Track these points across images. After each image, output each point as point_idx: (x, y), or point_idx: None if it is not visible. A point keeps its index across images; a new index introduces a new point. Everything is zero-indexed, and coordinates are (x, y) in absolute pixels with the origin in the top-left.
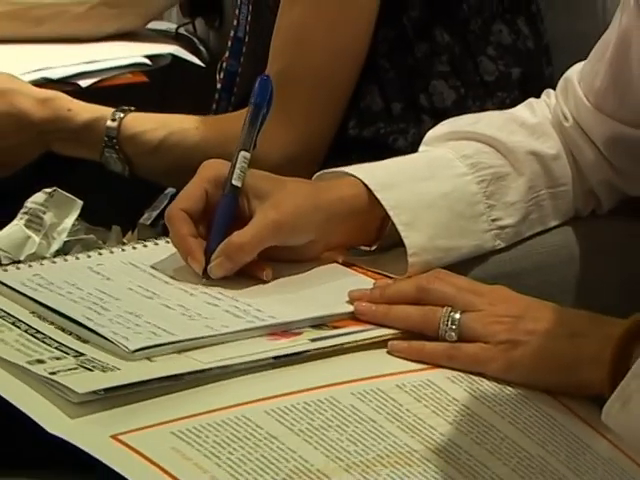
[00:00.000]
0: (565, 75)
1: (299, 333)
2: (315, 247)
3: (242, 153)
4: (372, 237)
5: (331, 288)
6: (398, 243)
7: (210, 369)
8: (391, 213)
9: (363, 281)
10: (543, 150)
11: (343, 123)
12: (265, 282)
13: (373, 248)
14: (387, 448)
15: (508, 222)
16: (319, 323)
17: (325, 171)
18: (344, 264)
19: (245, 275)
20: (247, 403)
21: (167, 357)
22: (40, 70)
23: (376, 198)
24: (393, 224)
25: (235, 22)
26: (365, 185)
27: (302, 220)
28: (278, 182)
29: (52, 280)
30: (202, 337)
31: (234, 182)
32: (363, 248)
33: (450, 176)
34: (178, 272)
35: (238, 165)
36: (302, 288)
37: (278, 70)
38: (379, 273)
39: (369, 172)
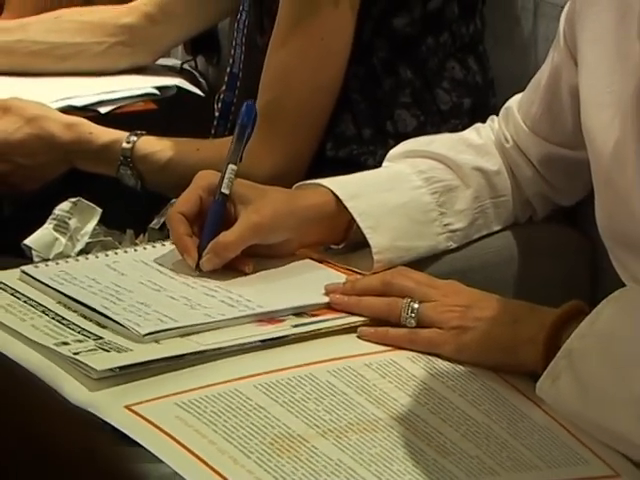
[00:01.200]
0: (506, 104)
1: (283, 320)
2: (290, 245)
3: (230, 165)
4: (340, 238)
5: (309, 282)
6: (364, 243)
7: (207, 350)
8: (358, 219)
9: (336, 276)
10: (487, 166)
11: (321, 145)
12: (253, 275)
13: (341, 246)
14: (357, 417)
15: (458, 226)
16: (300, 312)
17: (302, 182)
18: (317, 260)
19: (234, 269)
20: (239, 379)
21: (172, 340)
22: (66, 99)
23: (344, 206)
24: (359, 228)
25: (231, 60)
26: (334, 194)
27: (279, 223)
28: (260, 190)
29: (75, 275)
30: (202, 323)
31: (223, 190)
32: (333, 247)
33: (407, 189)
34: (181, 269)
35: (227, 176)
36: (285, 281)
37: (267, 102)
38: (348, 269)
39: (339, 184)
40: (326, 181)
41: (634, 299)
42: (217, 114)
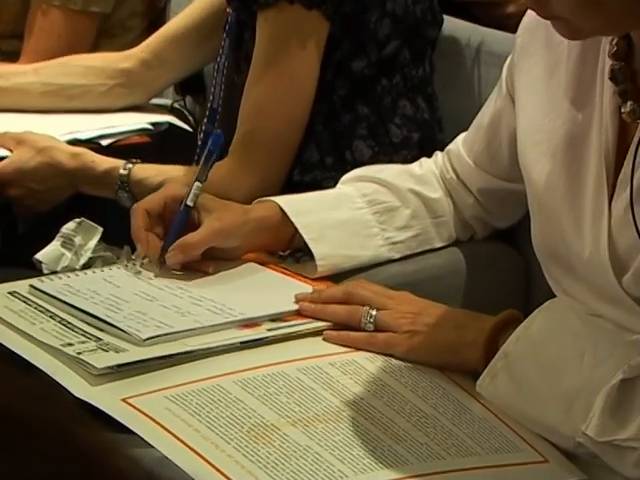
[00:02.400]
0: (455, 140)
1: (260, 324)
2: (240, 250)
3: (196, 183)
4: (285, 246)
5: (281, 291)
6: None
7: (194, 350)
8: (302, 231)
9: (303, 286)
10: (425, 192)
11: (290, 171)
12: (235, 287)
13: (286, 254)
14: (322, 409)
15: (399, 239)
16: (274, 318)
17: (259, 199)
18: (260, 263)
19: (197, 270)
20: (220, 375)
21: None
22: (72, 133)
23: (290, 220)
24: (302, 238)
25: (211, 97)
26: (282, 210)
27: (235, 230)
28: (221, 203)
29: (78, 288)
30: (193, 329)
31: (188, 202)
32: (280, 253)
33: (351, 208)
34: (169, 282)
35: (193, 191)
36: (261, 291)
37: (244, 133)
38: (297, 273)
39: (288, 201)
40: (278, 198)
41: (562, 309)
42: (199, 143)
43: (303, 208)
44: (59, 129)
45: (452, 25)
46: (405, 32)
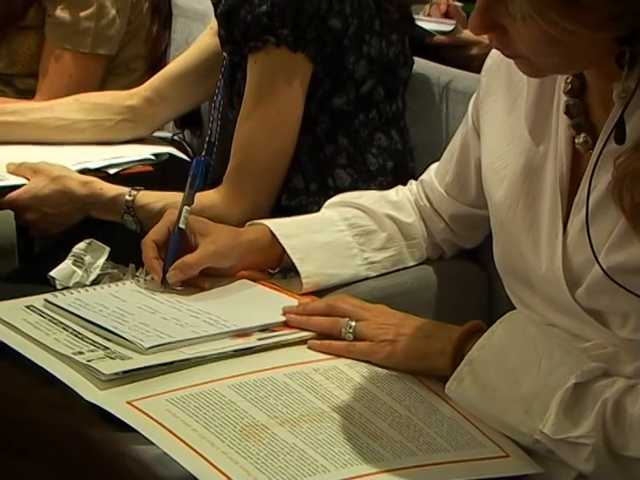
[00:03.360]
0: (427, 170)
1: (251, 334)
2: (234, 268)
3: (185, 207)
4: (275, 265)
5: (270, 304)
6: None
7: (191, 358)
8: (289, 252)
9: (290, 300)
10: (400, 217)
11: (278, 197)
12: (229, 301)
13: (275, 271)
14: (307, 410)
15: (376, 259)
16: (264, 328)
17: (251, 222)
18: (252, 279)
19: (195, 286)
20: (216, 380)
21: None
22: (82, 163)
23: (279, 242)
24: (290, 258)
25: (209, 131)
26: (272, 232)
27: (228, 252)
28: (216, 227)
29: (88, 302)
30: (191, 338)
31: (180, 225)
32: (269, 271)
33: (333, 231)
34: (169, 296)
35: (183, 214)
36: (251, 304)
37: (237, 163)
38: (285, 289)
39: (277, 224)
40: (268, 221)
41: (521, 319)
42: None
43: (291, 231)
44: (71, 159)
45: (422, 66)
46: (380, 72)
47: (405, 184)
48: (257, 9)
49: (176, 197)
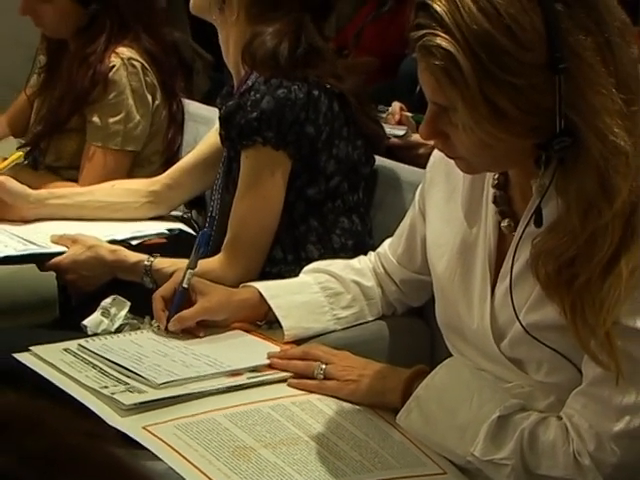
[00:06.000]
0: (383, 244)
1: (242, 374)
2: (229, 321)
3: (189, 270)
4: (262, 318)
5: (257, 350)
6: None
7: (193, 393)
8: (274, 309)
9: (273, 347)
10: (362, 281)
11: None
12: (225, 347)
13: (262, 323)
14: (286, 435)
15: (343, 315)
16: (253, 369)
17: (243, 284)
18: (243, 330)
19: (193, 334)
20: (213, 410)
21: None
22: (111, 235)
23: (266, 301)
24: (275, 315)
25: (210, 208)
26: (260, 293)
27: (220, 309)
28: (212, 287)
29: (112, 346)
30: (194, 377)
31: (184, 285)
32: (258, 323)
33: (309, 293)
34: (177, 343)
35: (187, 276)
36: (242, 350)
37: (231, 237)
38: (270, 337)
39: (265, 286)
40: (257, 284)
41: (458, 364)
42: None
43: (275, 292)
44: (102, 232)
45: (381, 163)
46: (345, 170)
47: None
48: (249, 115)
49: (184, 263)
